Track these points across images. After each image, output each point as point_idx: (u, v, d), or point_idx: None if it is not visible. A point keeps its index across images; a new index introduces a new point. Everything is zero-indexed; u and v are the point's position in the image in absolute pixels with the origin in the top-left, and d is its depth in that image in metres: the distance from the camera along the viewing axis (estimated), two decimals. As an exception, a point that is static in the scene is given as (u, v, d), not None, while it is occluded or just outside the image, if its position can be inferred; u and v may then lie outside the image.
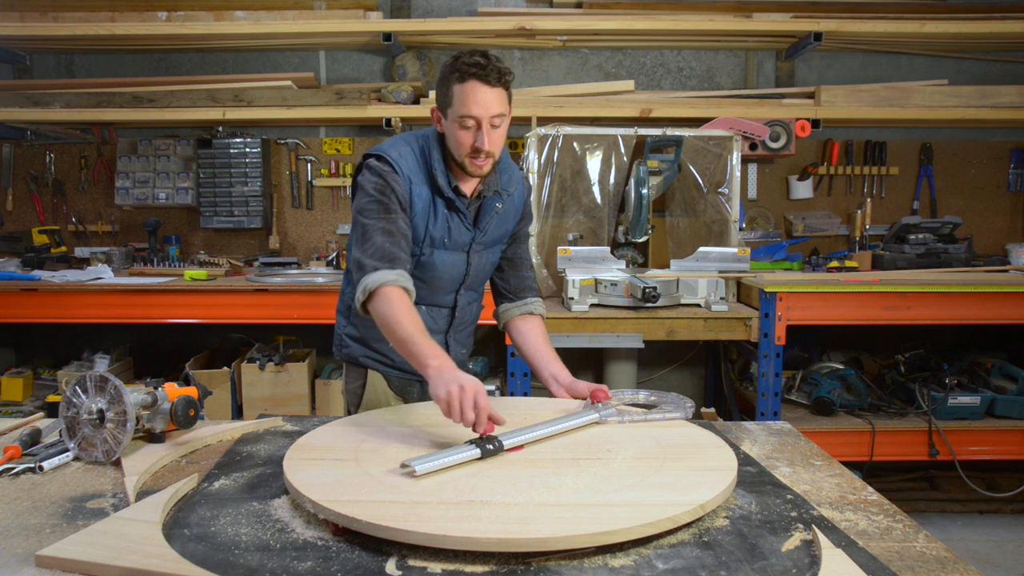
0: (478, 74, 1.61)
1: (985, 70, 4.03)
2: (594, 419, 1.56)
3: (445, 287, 1.86)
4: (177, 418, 1.52)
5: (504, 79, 1.64)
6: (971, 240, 3.69)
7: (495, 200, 1.83)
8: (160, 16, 3.75)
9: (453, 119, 1.66)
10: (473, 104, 1.62)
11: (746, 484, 1.34)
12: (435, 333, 1.88)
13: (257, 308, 3.25)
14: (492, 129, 1.66)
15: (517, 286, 1.97)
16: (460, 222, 1.79)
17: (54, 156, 4.03)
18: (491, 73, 1.62)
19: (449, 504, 1.14)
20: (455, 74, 1.63)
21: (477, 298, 1.97)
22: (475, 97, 1.62)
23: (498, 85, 1.64)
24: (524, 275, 1.98)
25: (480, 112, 1.63)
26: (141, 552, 1.04)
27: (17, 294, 3.22)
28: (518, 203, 1.91)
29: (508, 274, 1.97)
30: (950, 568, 1.06)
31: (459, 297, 1.89)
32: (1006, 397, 3.32)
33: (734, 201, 3.39)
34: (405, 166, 1.73)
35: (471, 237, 1.82)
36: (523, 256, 1.99)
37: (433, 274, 1.82)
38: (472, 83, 1.62)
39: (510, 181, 1.87)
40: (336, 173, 4.02)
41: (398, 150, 1.75)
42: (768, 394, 3.10)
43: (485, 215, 1.83)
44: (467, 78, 1.62)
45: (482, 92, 1.62)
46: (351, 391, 1.94)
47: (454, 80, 1.64)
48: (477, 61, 1.61)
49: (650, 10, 3.80)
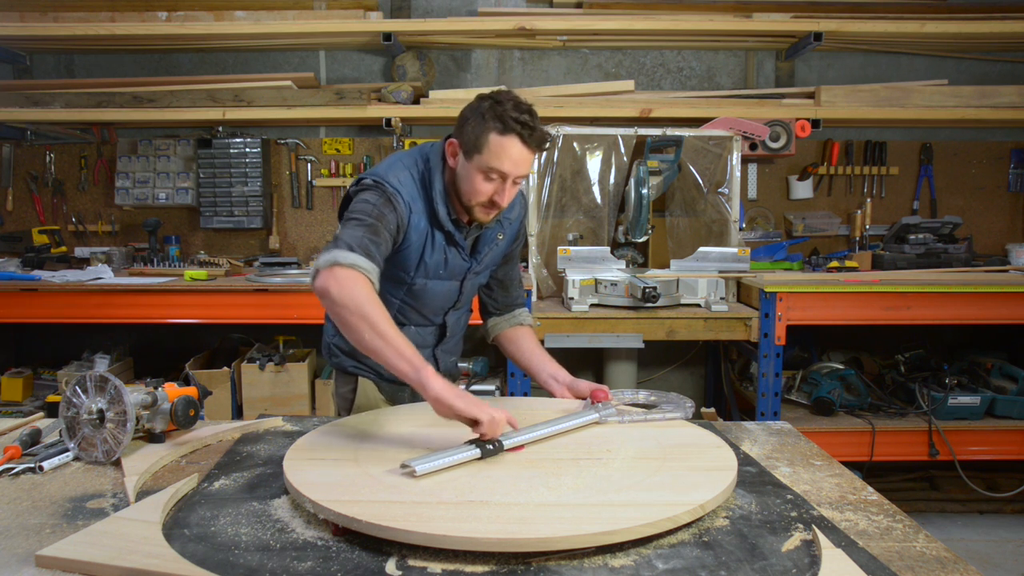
0: (522, 134, 1.54)
1: (985, 70, 4.03)
2: (594, 419, 1.57)
3: (436, 311, 1.84)
4: (177, 418, 1.53)
5: (543, 146, 1.59)
6: (971, 240, 3.69)
7: (496, 231, 1.79)
8: (160, 16, 3.75)
9: (478, 166, 1.58)
10: (507, 161, 1.55)
11: (746, 484, 1.34)
12: (423, 348, 1.86)
13: (257, 308, 3.25)
14: (512, 186, 1.62)
15: (505, 303, 1.96)
16: (457, 253, 1.76)
17: (54, 156, 4.03)
18: (536, 137, 1.56)
19: (449, 504, 1.14)
20: (497, 123, 1.54)
21: (466, 313, 1.96)
22: (511, 155, 1.55)
23: (537, 150, 1.59)
24: (513, 293, 1.96)
25: (513, 171, 1.57)
26: (141, 552, 1.04)
27: (17, 294, 3.22)
28: (515, 225, 1.87)
29: (497, 293, 1.95)
30: (950, 568, 1.06)
31: (448, 317, 1.87)
32: (1006, 397, 3.32)
33: (734, 201, 3.39)
34: (406, 193, 1.65)
35: (467, 267, 1.79)
36: (514, 276, 1.96)
37: (424, 301, 1.79)
38: (513, 139, 1.54)
39: (512, 208, 1.81)
40: (336, 173, 4.02)
41: (397, 176, 1.66)
42: (768, 394, 3.10)
43: (484, 245, 1.79)
44: (509, 133, 1.53)
45: (520, 153, 1.55)
46: (342, 395, 1.93)
47: (494, 129, 1.54)
48: (525, 120, 1.53)
49: (650, 10, 3.80)
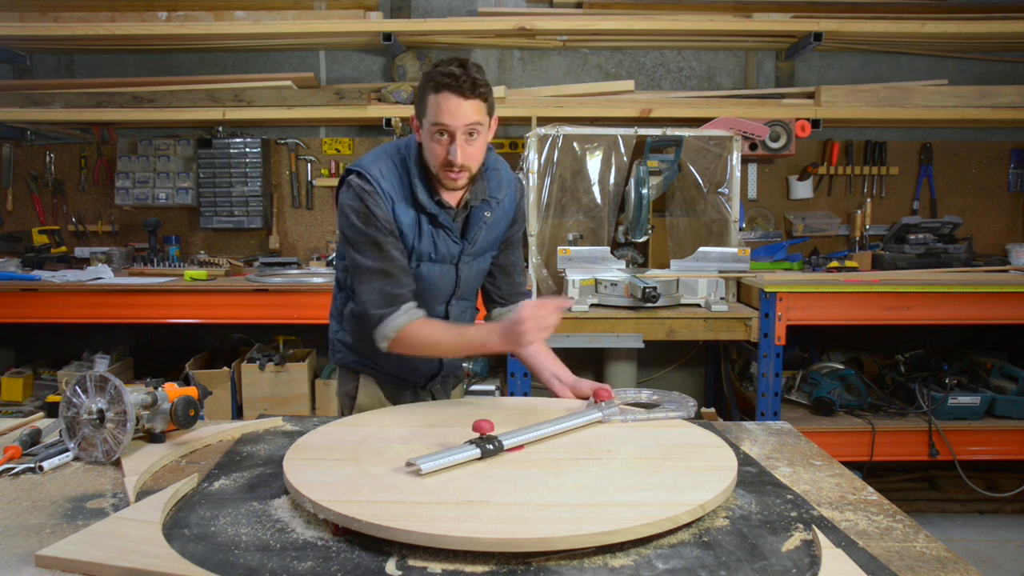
0: (451, 84, 1.56)
1: (985, 70, 4.03)
2: (597, 418, 1.56)
3: (436, 298, 1.83)
4: (177, 418, 1.52)
5: (479, 90, 1.58)
6: (971, 240, 3.69)
7: (483, 209, 1.78)
8: (160, 16, 3.75)
9: (427, 129, 1.62)
10: (445, 114, 1.57)
11: (746, 484, 1.34)
12: None
13: (257, 308, 3.25)
14: (467, 141, 1.61)
15: (509, 292, 1.95)
16: (446, 236, 1.75)
17: (54, 156, 4.03)
18: (465, 84, 1.56)
19: (449, 504, 1.14)
20: (430, 83, 1.59)
21: (470, 306, 1.95)
22: (448, 108, 1.57)
23: (473, 96, 1.58)
24: (516, 281, 1.95)
25: (452, 122, 1.58)
26: (141, 552, 1.04)
27: (17, 294, 3.22)
28: (509, 208, 1.85)
29: (500, 281, 1.94)
30: (950, 568, 1.06)
31: (451, 308, 1.86)
32: (1006, 397, 3.32)
33: (734, 201, 3.39)
34: (387, 184, 1.68)
35: (459, 249, 1.79)
36: (515, 263, 1.95)
37: (422, 286, 1.79)
38: (445, 94, 1.57)
39: (499, 187, 1.81)
40: (336, 173, 4.02)
41: (379, 167, 1.69)
42: (768, 394, 3.10)
43: (473, 225, 1.79)
44: (441, 88, 1.57)
45: (455, 103, 1.57)
46: (344, 393, 1.94)
47: (429, 89, 1.59)
48: (452, 71, 1.56)
49: (650, 10, 3.80)
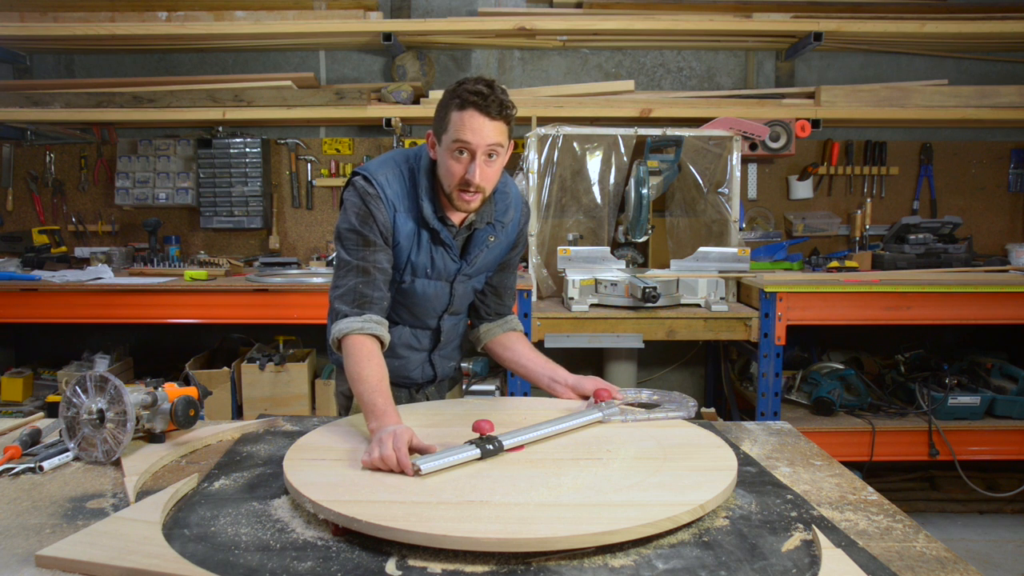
0: (478, 103, 1.54)
1: (985, 70, 4.03)
2: (597, 418, 1.56)
3: (428, 313, 1.83)
4: (177, 418, 1.53)
5: (505, 112, 1.57)
6: (971, 240, 3.69)
7: (487, 232, 1.77)
8: (160, 16, 3.75)
9: (447, 146, 1.59)
10: (469, 132, 1.55)
11: (746, 484, 1.34)
12: (419, 352, 1.88)
13: (257, 308, 3.25)
14: (486, 162, 1.59)
15: (498, 311, 1.94)
16: (445, 253, 1.74)
17: (54, 156, 4.03)
18: (492, 104, 1.54)
19: (449, 504, 1.14)
20: (455, 100, 1.56)
21: (462, 319, 1.95)
22: (472, 125, 1.55)
23: (498, 118, 1.56)
24: (507, 302, 1.95)
25: (475, 140, 1.55)
26: (141, 552, 1.04)
27: (17, 294, 3.22)
28: (512, 231, 1.83)
29: (490, 299, 1.92)
30: (950, 568, 1.06)
31: (443, 322, 1.87)
32: (1006, 397, 3.31)
33: (734, 201, 3.39)
34: (391, 191, 1.67)
35: (456, 268, 1.78)
36: (509, 285, 1.94)
37: (414, 301, 1.79)
38: (471, 112, 1.54)
39: (506, 210, 1.79)
40: (336, 173, 4.02)
41: (385, 173, 1.69)
42: (768, 394, 3.10)
43: (474, 247, 1.77)
44: (467, 106, 1.54)
45: (480, 122, 1.55)
46: (342, 393, 1.94)
47: (453, 106, 1.56)
48: (480, 90, 1.54)
49: (650, 10, 3.80)
